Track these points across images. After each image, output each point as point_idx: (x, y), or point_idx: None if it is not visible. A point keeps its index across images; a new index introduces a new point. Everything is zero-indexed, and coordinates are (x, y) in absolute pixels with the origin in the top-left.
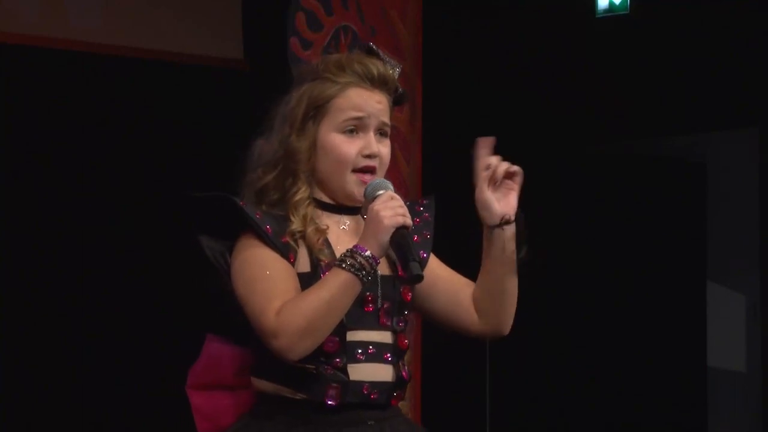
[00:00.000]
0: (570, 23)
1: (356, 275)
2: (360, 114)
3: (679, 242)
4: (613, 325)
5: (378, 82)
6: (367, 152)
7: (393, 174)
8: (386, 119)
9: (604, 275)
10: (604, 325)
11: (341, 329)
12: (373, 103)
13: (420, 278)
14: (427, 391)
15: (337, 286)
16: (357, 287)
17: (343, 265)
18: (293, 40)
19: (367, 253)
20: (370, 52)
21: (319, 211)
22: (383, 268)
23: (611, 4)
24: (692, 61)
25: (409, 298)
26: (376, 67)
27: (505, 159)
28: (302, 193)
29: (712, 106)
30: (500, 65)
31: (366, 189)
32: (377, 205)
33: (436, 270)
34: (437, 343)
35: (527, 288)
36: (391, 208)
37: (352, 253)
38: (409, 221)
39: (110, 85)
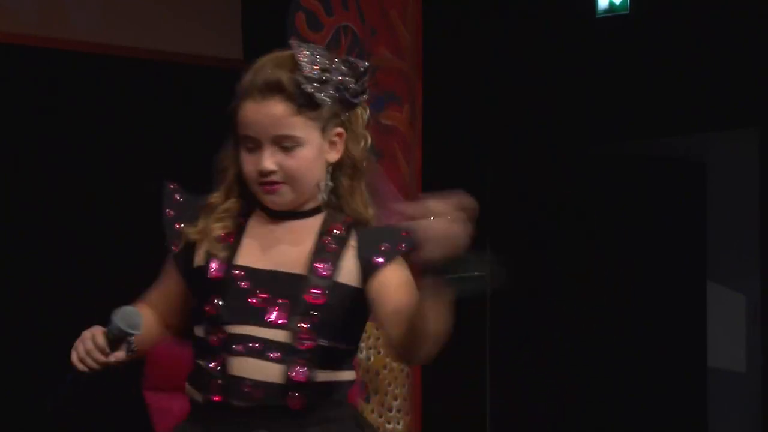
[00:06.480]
0: (570, 23)
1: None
2: (246, 132)
3: (679, 242)
4: (613, 325)
5: (266, 90)
6: (258, 169)
7: (393, 174)
8: (282, 131)
9: (604, 275)
10: (605, 325)
11: (219, 321)
12: (261, 117)
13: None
14: (427, 392)
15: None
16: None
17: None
18: (293, 40)
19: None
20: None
21: (264, 215)
22: (294, 266)
23: (611, 4)
24: (692, 61)
25: (317, 300)
26: (264, 73)
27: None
28: (215, 198)
29: (712, 106)
30: (500, 65)
31: (114, 320)
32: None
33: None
34: None
35: (528, 287)
36: None
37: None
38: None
39: (110, 85)
